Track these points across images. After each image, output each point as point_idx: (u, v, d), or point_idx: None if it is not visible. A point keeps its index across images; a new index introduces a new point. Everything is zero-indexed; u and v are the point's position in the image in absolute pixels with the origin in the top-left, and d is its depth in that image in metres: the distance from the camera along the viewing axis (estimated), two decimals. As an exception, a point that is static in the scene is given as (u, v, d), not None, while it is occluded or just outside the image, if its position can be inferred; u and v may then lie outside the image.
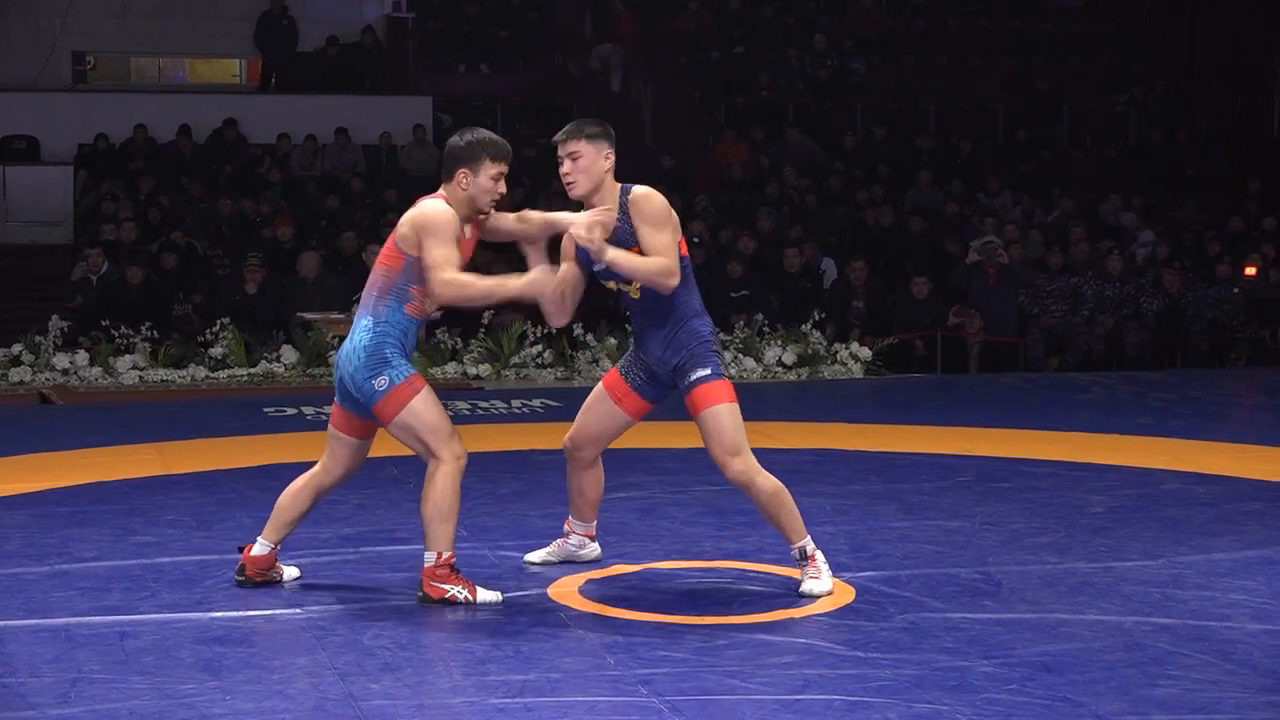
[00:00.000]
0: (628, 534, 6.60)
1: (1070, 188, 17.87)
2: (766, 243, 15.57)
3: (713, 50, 20.43)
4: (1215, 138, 20.41)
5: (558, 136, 5.63)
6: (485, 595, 5.55)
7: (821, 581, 5.59)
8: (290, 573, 5.85)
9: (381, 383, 5.42)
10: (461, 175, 5.49)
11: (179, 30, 20.44)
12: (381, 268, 5.54)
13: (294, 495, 5.71)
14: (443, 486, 5.45)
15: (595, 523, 6.10)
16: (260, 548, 5.72)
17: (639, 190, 5.57)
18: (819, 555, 5.66)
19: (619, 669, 4.79)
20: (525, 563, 6.10)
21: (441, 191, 5.54)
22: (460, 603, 5.49)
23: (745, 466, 5.57)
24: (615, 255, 5.47)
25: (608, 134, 5.62)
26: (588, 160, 5.55)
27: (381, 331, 5.47)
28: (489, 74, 20.58)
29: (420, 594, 5.54)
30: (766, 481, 5.58)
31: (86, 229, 16.16)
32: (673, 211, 5.58)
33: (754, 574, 5.93)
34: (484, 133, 5.59)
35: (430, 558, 5.51)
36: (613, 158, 5.59)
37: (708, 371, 5.55)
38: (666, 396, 5.82)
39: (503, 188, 5.47)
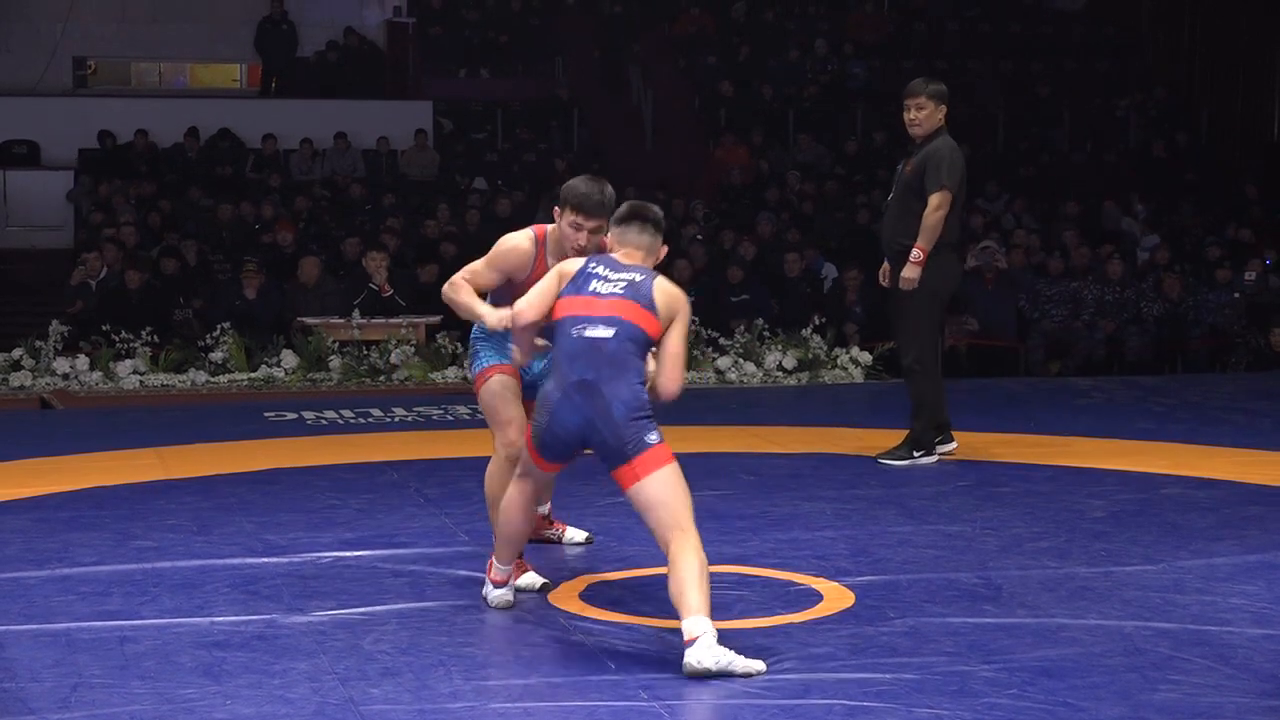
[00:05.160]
0: (629, 538, 6.59)
1: (1070, 192, 17.86)
2: (767, 247, 15.56)
3: (713, 55, 20.43)
4: (1215, 142, 20.41)
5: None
6: (528, 579, 5.73)
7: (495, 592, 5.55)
8: (573, 534, 6.49)
9: (471, 369, 6.00)
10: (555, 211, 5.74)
11: (179, 35, 20.46)
12: None
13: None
14: (489, 474, 5.90)
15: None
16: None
17: None
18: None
19: (620, 673, 4.78)
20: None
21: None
22: (503, 581, 5.55)
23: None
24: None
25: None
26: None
27: (478, 336, 5.96)
28: (490, 79, 20.59)
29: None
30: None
31: (86, 234, 16.16)
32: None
33: (754, 578, 5.92)
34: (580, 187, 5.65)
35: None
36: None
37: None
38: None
39: (582, 239, 5.56)
